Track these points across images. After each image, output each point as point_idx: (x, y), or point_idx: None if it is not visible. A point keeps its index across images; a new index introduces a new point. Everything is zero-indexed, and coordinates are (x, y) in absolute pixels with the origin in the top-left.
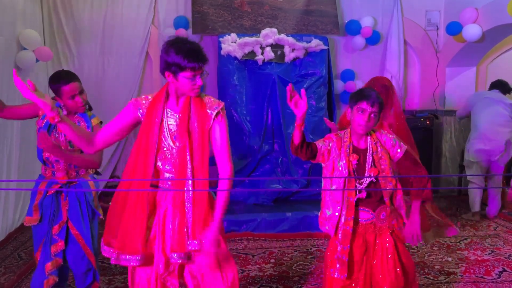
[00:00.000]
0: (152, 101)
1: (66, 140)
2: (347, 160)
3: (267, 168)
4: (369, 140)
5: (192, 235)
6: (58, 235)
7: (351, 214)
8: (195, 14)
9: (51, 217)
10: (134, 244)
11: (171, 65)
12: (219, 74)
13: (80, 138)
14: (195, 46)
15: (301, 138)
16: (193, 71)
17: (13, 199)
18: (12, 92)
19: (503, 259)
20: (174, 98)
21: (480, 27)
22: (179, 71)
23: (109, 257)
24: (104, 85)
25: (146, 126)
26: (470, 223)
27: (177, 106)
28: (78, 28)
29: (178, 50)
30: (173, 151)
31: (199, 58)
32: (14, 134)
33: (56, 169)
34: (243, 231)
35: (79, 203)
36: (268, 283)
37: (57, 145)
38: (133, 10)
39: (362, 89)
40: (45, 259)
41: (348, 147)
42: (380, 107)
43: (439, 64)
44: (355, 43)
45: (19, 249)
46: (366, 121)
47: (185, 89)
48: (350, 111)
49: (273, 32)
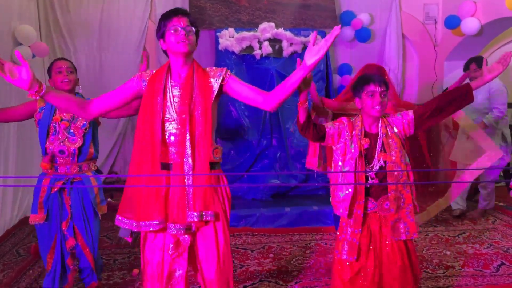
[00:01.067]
0: (155, 72)
1: (64, 131)
2: (358, 144)
3: (266, 163)
4: (380, 123)
5: (192, 207)
6: (67, 231)
7: (362, 198)
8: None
9: (58, 216)
10: (151, 211)
11: (159, 30)
12: None
13: (71, 104)
14: (177, 8)
15: (306, 116)
16: (175, 23)
17: (11, 195)
18: (8, 88)
19: (501, 252)
20: (177, 70)
21: (479, 21)
22: (164, 30)
23: (127, 227)
24: (101, 80)
25: (149, 95)
26: (469, 217)
27: (180, 78)
28: (75, 23)
29: (163, 15)
30: (177, 122)
31: (179, 11)
32: (11, 129)
33: (59, 163)
34: (242, 226)
35: (82, 200)
36: (267, 278)
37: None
38: (130, 5)
39: (363, 75)
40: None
41: (360, 131)
42: (386, 85)
43: (437, 58)
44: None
45: (17, 246)
46: (379, 102)
47: (172, 45)
48: (358, 100)
49: (271, 26)
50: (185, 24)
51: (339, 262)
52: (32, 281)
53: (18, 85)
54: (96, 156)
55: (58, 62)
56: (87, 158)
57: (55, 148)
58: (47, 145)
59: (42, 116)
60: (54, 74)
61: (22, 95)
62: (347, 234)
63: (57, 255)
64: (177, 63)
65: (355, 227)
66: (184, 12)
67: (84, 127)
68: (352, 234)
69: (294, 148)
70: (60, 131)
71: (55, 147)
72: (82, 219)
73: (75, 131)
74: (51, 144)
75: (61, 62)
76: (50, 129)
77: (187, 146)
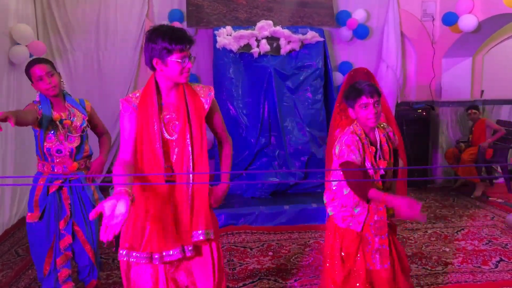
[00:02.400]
0: (143, 93)
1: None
2: (368, 152)
3: (264, 161)
4: (377, 132)
5: (195, 225)
6: (65, 229)
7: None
8: (189, 7)
9: (56, 214)
10: (169, 240)
11: (158, 50)
12: (215, 67)
13: (130, 178)
14: (179, 29)
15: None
16: (181, 52)
17: (9, 195)
18: (5, 88)
19: (500, 249)
20: (165, 89)
21: (476, 18)
22: (167, 55)
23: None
24: (99, 79)
25: (142, 119)
26: (467, 213)
27: (168, 97)
28: (72, 22)
29: (164, 34)
30: (171, 143)
31: (186, 39)
32: (9, 128)
33: (56, 163)
34: (241, 225)
35: (80, 198)
36: (267, 275)
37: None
38: (127, 4)
39: (353, 85)
40: (55, 256)
41: (366, 140)
42: (378, 94)
43: (435, 55)
44: (342, 34)
45: (16, 246)
46: (374, 113)
47: (174, 74)
48: (352, 110)
49: (269, 24)
50: (189, 52)
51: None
52: (31, 281)
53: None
54: (91, 153)
55: (35, 68)
56: (84, 156)
57: (53, 147)
58: (45, 144)
59: (42, 115)
60: (35, 82)
61: (22, 104)
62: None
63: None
64: (168, 85)
65: (381, 233)
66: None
67: (83, 125)
68: (380, 242)
69: (293, 146)
70: (59, 130)
71: (53, 146)
72: (82, 216)
73: (74, 130)
74: (49, 143)
75: (38, 68)
76: (49, 128)
77: (187, 166)
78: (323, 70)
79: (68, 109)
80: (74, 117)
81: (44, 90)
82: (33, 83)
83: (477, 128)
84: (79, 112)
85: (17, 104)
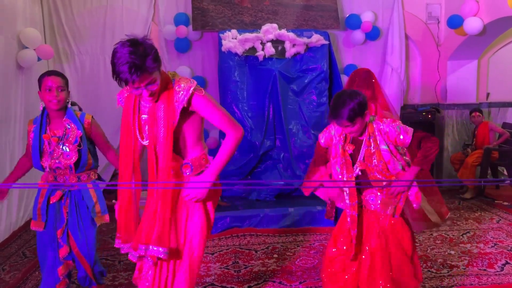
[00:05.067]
0: (128, 94)
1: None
2: (343, 149)
3: (269, 164)
4: (366, 133)
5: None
6: (61, 239)
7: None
8: (195, 10)
9: (55, 224)
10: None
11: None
12: (220, 70)
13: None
14: (125, 65)
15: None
16: (131, 85)
17: (16, 197)
18: (13, 91)
19: (506, 251)
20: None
21: (481, 20)
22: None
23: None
24: (105, 82)
25: (124, 116)
26: (473, 216)
27: (145, 100)
28: (79, 25)
29: (113, 69)
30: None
31: (132, 74)
32: (16, 131)
33: (58, 174)
34: (246, 227)
35: (78, 210)
36: (272, 278)
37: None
38: (133, 8)
39: (333, 105)
40: (54, 264)
41: (345, 136)
42: (352, 117)
43: (440, 58)
44: (355, 38)
45: (23, 247)
46: (350, 131)
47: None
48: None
49: (274, 27)
50: (141, 83)
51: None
52: (38, 282)
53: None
54: (95, 166)
55: (48, 79)
56: (86, 169)
57: (51, 165)
58: (42, 163)
59: (33, 136)
60: (43, 90)
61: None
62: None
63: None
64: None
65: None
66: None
67: (76, 142)
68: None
69: (298, 149)
70: (53, 148)
71: (51, 165)
72: (77, 228)
73: (69, 146)
74: (45, 162)
75: (52, 79)
76: (44, 147)
77: (155, 169)
78: (328, 73)
79: (65, 126)
80: (69, 133)
81: (47, 101)
82: (40, 90)
83: (480, 131)
84: (76, 129)
85: (25, 107)
